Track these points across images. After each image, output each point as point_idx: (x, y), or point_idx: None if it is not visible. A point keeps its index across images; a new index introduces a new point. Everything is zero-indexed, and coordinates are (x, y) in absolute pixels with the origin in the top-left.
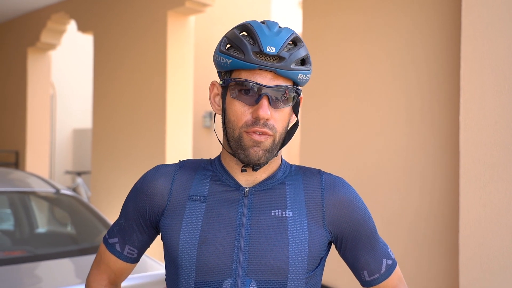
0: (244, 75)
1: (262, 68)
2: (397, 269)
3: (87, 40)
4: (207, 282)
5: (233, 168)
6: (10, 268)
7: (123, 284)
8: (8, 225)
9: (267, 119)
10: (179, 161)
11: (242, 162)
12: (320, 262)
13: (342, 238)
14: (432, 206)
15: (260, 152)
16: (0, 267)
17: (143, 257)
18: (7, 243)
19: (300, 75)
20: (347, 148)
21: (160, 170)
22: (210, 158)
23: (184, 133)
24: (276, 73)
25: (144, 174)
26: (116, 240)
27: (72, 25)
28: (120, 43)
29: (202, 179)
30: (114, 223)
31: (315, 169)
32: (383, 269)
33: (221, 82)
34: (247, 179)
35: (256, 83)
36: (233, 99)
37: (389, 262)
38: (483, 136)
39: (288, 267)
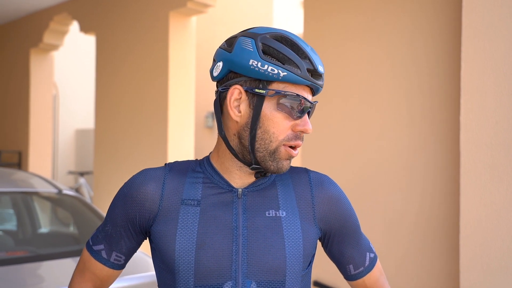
0: (291, 89)
1: (311, 86)
2: (378, 262)
3: (89, 41)
4: (207, 286)
5: (231, 171)
6: (13, 268)
7: (129, 282)
8: (11, 225)
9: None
10: (165, 164)
11: (265, 171)
12: (311, 259)
13: (330, 234)
14: (433, 206)
15: (289, 164)
16: (2, 267)
17: (145, 258)
18: (9, 243)
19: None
20: (348, 149)
21: (149, 174)
22: (197, 159)
23: (186, 133)
24: (312, 90)
25: (131, 179)
26: (101, 247)
27: (74, 26)
28: (122, 43)
29: (193, 182)
30: (98, 230)
31: (302, 168)
32: (367, 263)
33: (262, 91)
34: (240, 180)
35: (306, 99)
36: (276, 111)
37: (372, 255)
38: (483, 136)
39: (286, 266)
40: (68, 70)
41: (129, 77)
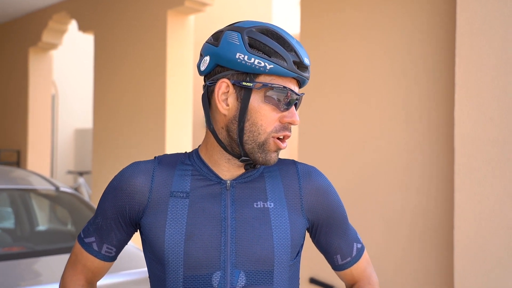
0: (278, 81)
1: (297, 78)
2: (365, 252)
3: (88, 40)
4: (196, 276)
5: (219, 164)
6: (9, 263)
7: (123, 277)
8: (9, 222)
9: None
10: (155, 157)
11: (254, 163)
12: (300, 250)
13: (318, 224)
14: (429, 203)
15: (277, 156)
16: None
17: (140, 253)
18: (7, 240)
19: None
20: (346, 146)
21: (138, 167)
22: (186, 152)
23: (184, 132)
24: (298, 82)
25: (121, 172)
26: (93, 239)
27: (73, 25)
28: (121, 42)
29: (182, 174)
30: (89, 223)
31: (290, 160)
32: (354, 253)
33: (250, 84)
34: (229, 173)
35: (293, 91)
36: (263, 103)
37: (359, 245)
38: (478, 132)
39: (274, 257)
40: (67, 69)
41: (127, 76)
